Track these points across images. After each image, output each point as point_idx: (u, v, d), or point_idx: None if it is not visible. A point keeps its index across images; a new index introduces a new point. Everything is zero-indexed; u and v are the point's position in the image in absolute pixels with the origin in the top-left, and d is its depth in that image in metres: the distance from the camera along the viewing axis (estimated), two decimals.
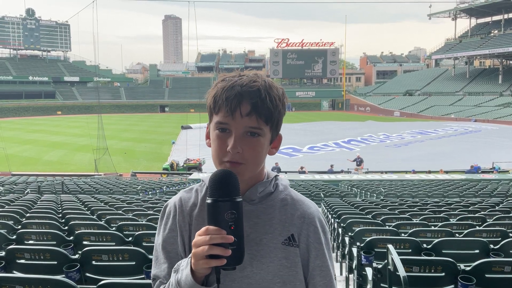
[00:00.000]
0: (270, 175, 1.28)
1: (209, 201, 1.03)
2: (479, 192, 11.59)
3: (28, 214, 5.94)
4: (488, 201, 8.43)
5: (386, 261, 3.06)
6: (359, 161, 22.54)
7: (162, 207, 1.32)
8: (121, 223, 4.96)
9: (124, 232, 4.50)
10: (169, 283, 1.14)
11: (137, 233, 4.17)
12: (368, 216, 6.38)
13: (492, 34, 77.32)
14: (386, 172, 21.25)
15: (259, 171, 1.23)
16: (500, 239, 4.25)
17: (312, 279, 1.22)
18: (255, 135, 1.13)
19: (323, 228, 1.26)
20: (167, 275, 1.20)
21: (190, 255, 1.06)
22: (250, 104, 1.11)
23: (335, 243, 6.52)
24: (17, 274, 3.07)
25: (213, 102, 1.16)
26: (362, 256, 3.84)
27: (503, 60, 74.39)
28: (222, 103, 1.13)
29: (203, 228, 1.03)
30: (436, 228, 4.86)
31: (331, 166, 21.45)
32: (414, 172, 20.64)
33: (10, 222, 5.15)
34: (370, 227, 5.18)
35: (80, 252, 3.22)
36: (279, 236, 1.19)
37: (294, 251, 1.20)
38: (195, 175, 20.80)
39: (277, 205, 1.23)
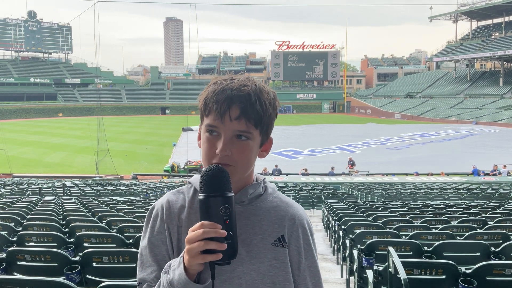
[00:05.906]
0: (258, 178, 1.30)
1: (201, 197, 1.03)
2: (480, 195, 11.57)
3: (29, 216, 5.94)
4: (489, 204, 8.41)
5: (387, 263, 3.07)
6: (351, 163, 23.17)
7: None
8: (122, 225, 4.96)
9: (125, 234, 4.50)
10: (159, 284, 1.12)
11: (137, 235, 4.17)
12: (369, 219, 6.36)
13: (493, 37, 77.38)
14: (387, 175, 21.23)
15: (249, 174, 1.23)
16: (501, 241, 4.24)
17: (304, 279, 1.25)
18: (244, 138, 1.14)
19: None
20: (155, 278, 1.18)
21: (181, 254, 1.06)
22: (239, 108, 1.12)
23: (336, 246, 6.52)
24: (18, 276, 3.07)
25: (203, 105, 1.17)
26: (363, 259, 3.84)
27: (504, 62, 74.43)
28: (212, 107, 1.13)
29: (198, 223, 1.02)
30: (437, 231, 4.84)
31: (332, 168, 21.45)
32: (417, 174, 20.62)
33: (11, 224, 5.15)
34: (371, 230, 5.18)
35: (80, 254, 3.22)
36: (269, 237, 1.21)
37: (283, 251, 1.21)
38: (196, 177, 20.74)
39: (266, 207, 1.25)
